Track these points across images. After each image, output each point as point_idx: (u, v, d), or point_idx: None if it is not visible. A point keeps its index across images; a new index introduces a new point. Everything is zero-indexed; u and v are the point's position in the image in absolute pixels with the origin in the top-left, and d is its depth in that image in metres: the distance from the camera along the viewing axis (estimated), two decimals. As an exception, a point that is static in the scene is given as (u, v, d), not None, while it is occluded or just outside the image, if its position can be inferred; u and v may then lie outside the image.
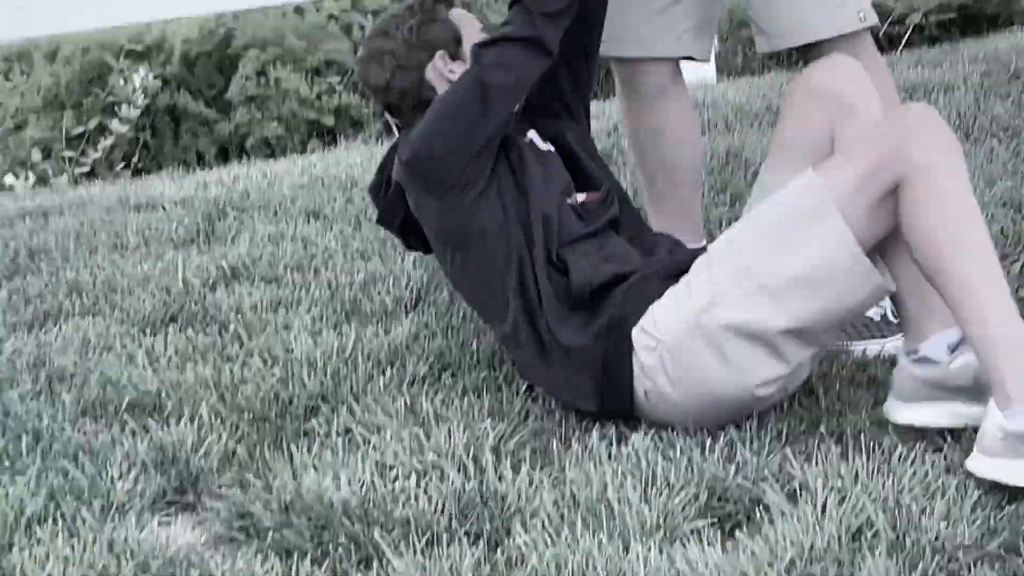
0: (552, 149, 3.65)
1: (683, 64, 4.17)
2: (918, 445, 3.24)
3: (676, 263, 3.45)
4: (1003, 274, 3.07)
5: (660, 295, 3.36)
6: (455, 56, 3.62)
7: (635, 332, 3.35)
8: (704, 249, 3.60)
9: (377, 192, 3.78)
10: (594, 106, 4.32)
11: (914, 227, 3.11)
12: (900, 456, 3.17)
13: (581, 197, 3.59)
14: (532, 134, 3.62)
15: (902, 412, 3.10)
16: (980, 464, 2.90)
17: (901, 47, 7.09)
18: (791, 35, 3.87)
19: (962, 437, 3.19)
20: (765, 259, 3.28)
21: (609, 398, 3.43)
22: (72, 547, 2.97)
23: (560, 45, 3.54)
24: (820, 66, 3.71)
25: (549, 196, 3.47)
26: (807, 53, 3.87)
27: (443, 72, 3.59)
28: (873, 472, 3.11)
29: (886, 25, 3.68)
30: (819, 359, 3.48)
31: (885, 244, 3.22)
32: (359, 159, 5.49)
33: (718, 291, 3.31)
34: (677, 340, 3.32)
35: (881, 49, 4.27)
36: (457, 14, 3.67)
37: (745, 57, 6.94)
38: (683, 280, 3.39)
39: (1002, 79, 5.28)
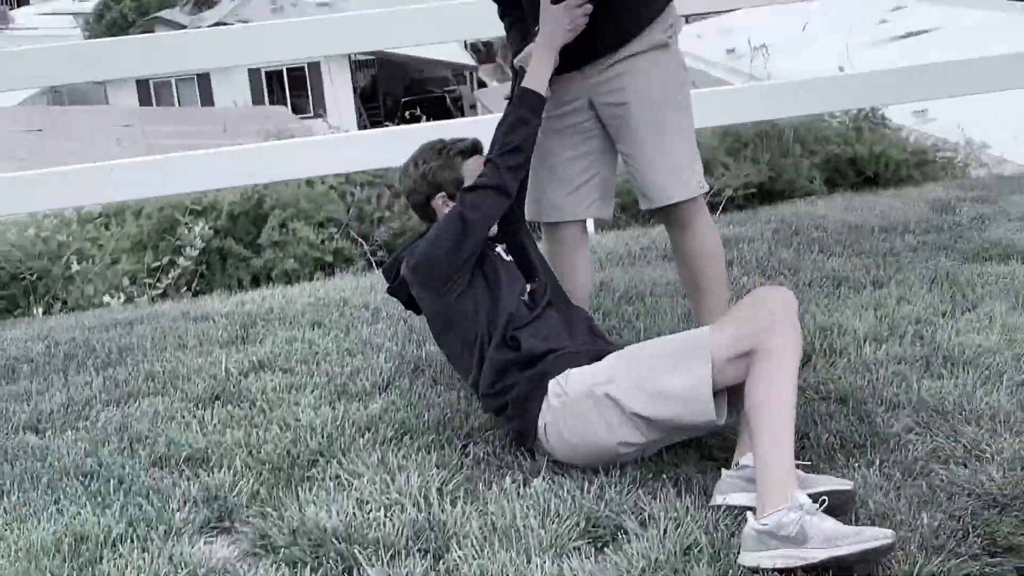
0: (512, 259, 3.84)
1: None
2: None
3: (592, 350, 3.63)
4: (789, 428, 3.15)
5: (577, 365, 3.53)
6: (452, 196, 3.81)
7: (551, 383, 3.52)
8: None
9: (388, 273, 3.99)
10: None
11: (751, 386, 3.25)
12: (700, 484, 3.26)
13: (529, 287, 3.80)
14: (500, 248, 3.85)
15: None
16: (744, 558, 2.96)
17: (719, 211, 7.14)
18: (659, 198, 3.91)
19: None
20: (652, 370, 3.44)
21: (520, 421, 3.58)
22: (144, 560, 3.14)
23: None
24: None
25: (511, 298, 3.68)
26: (668, 211, 3.96)
27: (441, 206, 3.83)
28: (699, 506, 3.24)
29: (707, 196, 3.72)
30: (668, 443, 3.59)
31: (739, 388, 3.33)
32: (349, 285, 5.52)
33: (615, 376, 3.46)
34: (578, 396, 3.47)
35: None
36: (471, 165, 3.83)
37: (614, 216, 6.99)
38: (595, 364, 3.55)
39: (787, 234, 5.34)
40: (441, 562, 3.05)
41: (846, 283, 4.86)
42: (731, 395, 3.39)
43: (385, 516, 3.26)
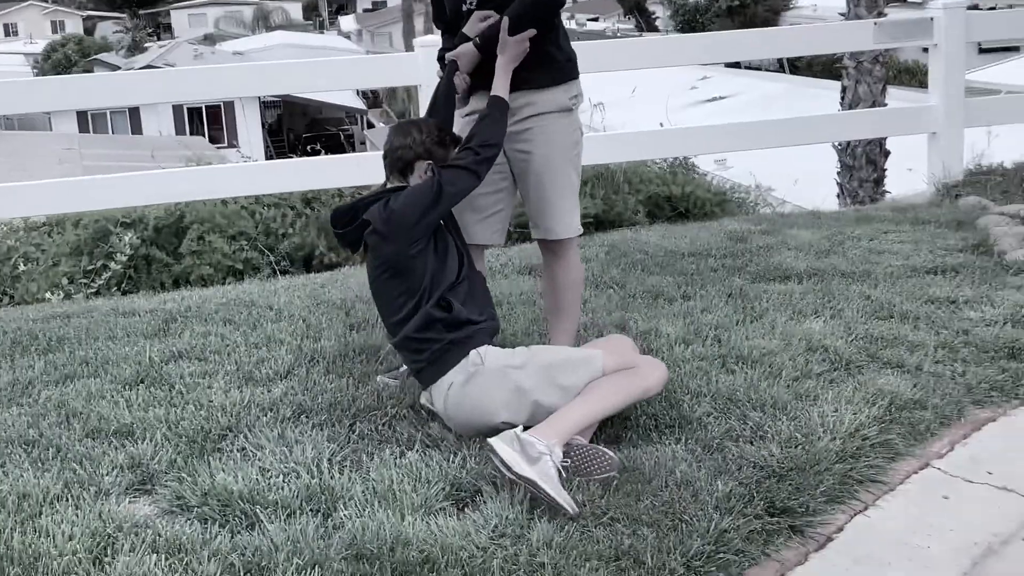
0: (449, 233, 3.76)
1: None
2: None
3: (491, 326, 3.68)
4: (605, 410, 3.40)
5: (487, 342, 3.58)
6: (430, 168, 3.69)
7: (473, 353, 3.52)
8: None
9: (341, 218, 3.80)
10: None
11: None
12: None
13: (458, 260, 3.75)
14: (442, 223, 3.75)
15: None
16: (493, 440, 3.14)
17: None
18: (547, 234, 3.98)
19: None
20: (556, 369, 3.48)
21: (430, 367, 3.56)
22: (77, 515, 3.09)
23: None
24: None
25: (450, 270, 3.62)
26: (550, 243, 4.02)
27: (422, 173, 3.69)
28: None
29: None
30: None
31: None
32: (256, 289, 5.43)
33: (526, 365, 3.50)
34: (491, 371, 3.49)
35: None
36: (454, 153, 3.74)
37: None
38: (518, 348, 3.67)
39: (616, 256, 5.39)
40: (329, 520, 3.04)
41: (662, 296, 4.92)
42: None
43: (283, 481, 3.24)
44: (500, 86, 3.76)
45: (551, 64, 3.90)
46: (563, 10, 3.97)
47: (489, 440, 3.16)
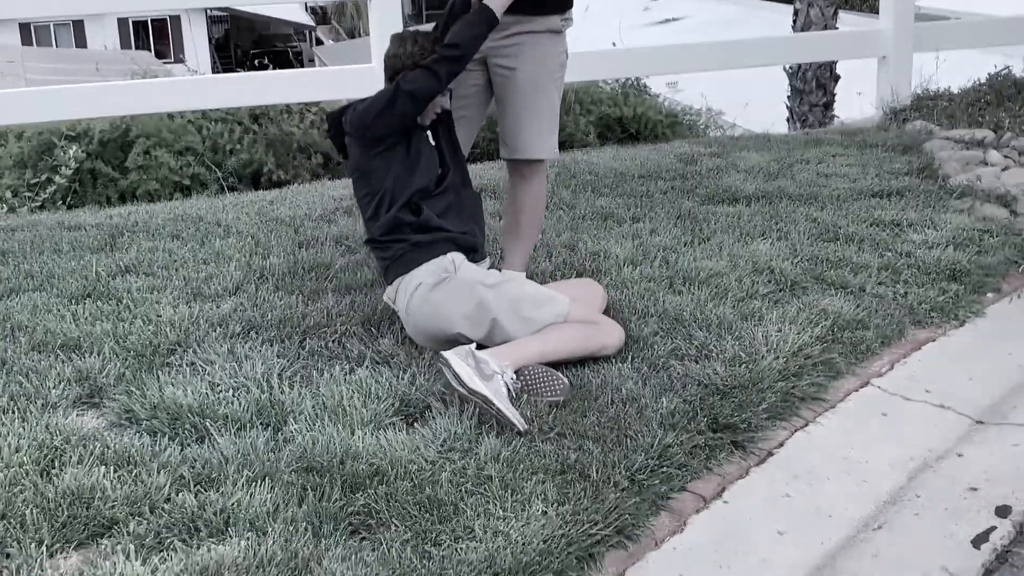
0: (435, 144, 3.71)
1: None
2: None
3: (464, 240, 3.64)
4: (560, 350, 3.41)
5: (454, 251, 3.58)
6: None
7: (447, 260, 3.54)
8: None
9: (330, 121, 3.84)
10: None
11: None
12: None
13: (439, 172, 3.69)
14: (427, 133, 3.69)
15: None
16: (447, 352, 3.18)
17: None
18: (521, 153, 3.91)
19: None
20: (524, 301, 3.50)
21: (394, 264, 3.58)
22: (24, 427, 3.10)
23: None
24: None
25: (423, 173, 3.60)
26: (520, 164, 3.97)
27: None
28: None
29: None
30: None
31: None
32: (204, 205, 5.34)
33: (500, 286, 3.52)
34: (462, 282, 3.50)
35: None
36: None
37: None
38: (493, 270, 3.72)
39: (567, 177, 5.33)
40: (280, 433, 3.06)
41: (612, 217, 4.92)
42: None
43: (233, 396, 3.25)
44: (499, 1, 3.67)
45: None
46: None
47: (443, 353, 3.18)
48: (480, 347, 3.33)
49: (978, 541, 2.81)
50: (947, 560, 2.74)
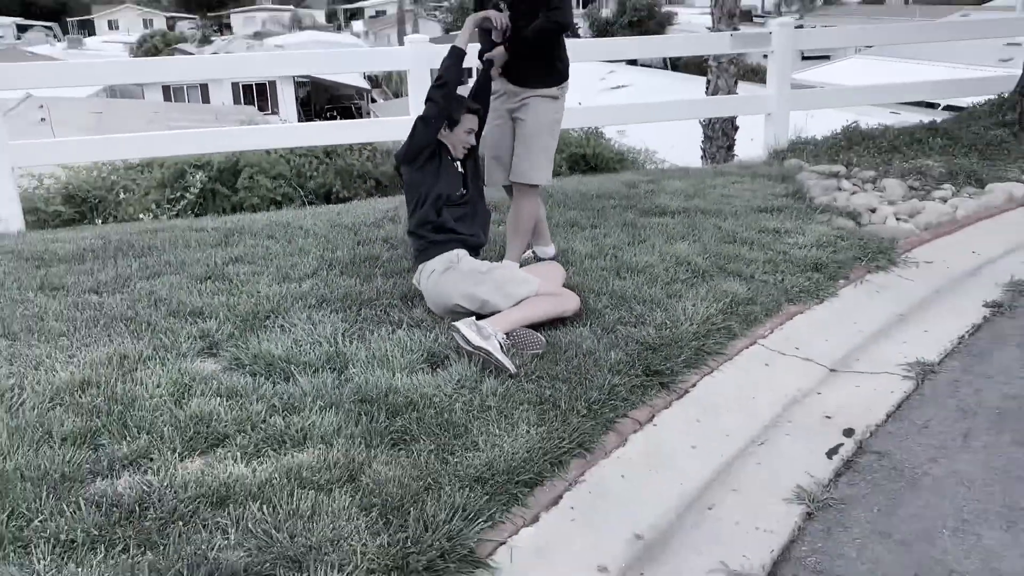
0: (462, 172, 3.68)
1: None
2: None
3: (472, 242, 3.62)
4: (533, 316, 3.35)
5: (467, 252, 3.57)
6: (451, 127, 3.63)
7: (452, 254, 3.52)
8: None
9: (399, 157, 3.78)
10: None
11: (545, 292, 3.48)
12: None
13: (462, 191, 3.66)
14: (457, 162, 3.66)
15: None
16: (456, 323, 3.17)
17: None
18: (518, 177, 3.89)
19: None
20: (508, 282, 3.47)
21: (418, 255, 3.59)
22: (163, 369, 3.10)
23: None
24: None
25: (447, 186, 3.58)
26: (516, 185, 3.93)
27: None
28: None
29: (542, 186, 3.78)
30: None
31: None
32: (291, 215, 5.29)
33: (490, 271, 3.51)
34: (462, 270, 3.49)
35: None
36: (466, 117, 3.65)
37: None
38: (486, 261, 3.65)
39: (546, 197, 5.23)
40: (342, 375, 3.04)
41: (576, 225, 4.88)
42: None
43: (310, 349, 3.23)
44: (459, 36, 3.69)
45: (551, 71, 3.86)
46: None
47: (453, 323, 3.18)
48: (479, 318, 3.30)
49: (831, 453, 2.82)
50: (809, 467, 2.74)
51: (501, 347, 3.11)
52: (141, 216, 6.62)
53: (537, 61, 3.84)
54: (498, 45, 3.81)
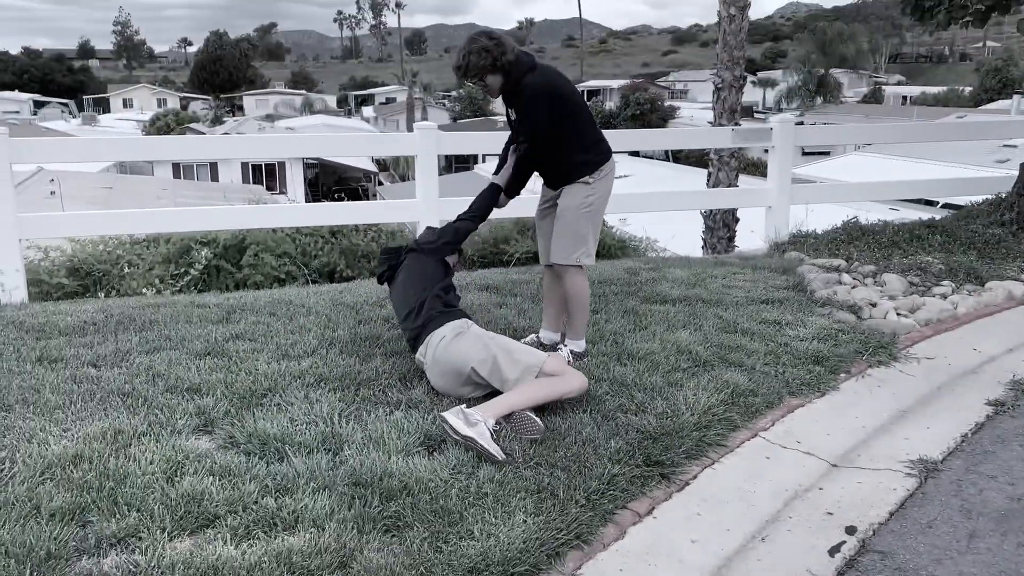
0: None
1: None
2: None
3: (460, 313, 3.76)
4: (533, 400, 3.32)
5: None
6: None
7: (460, 322, 3.62)
8: None
9: (389, 253, 4.10)
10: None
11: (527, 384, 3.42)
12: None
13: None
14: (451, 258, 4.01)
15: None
16: (446, 414, 3.15)
17: (511, 265, 7.15)
18: (551, 258, 4.09)
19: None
20: (517, 348, 3.53)
21: (425, 328, 3.63)
22: (157, 445, 3.07)
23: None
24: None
25: (450, 279, 3.85)
26: (555, 267, 4.10)
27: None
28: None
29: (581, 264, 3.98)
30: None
31: None
32: (294, 293, 5.32)
33: (496, 337, 3.57)
34: (473, 334, 3.56)
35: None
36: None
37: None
38: (489, 332, 3.69)
39: None
40: (337, 456, 3.01)
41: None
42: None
43: (305, 428, 3.21)
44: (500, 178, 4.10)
45: (577, 169, 4.01)
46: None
47: (441, 413, 3.17)
48: (470, 404, 3.29)
49: (833, 551, 2.76)
50: (811, 564, 2.68)
51: (491, 433, 3.07)
52: (144, 291, 6.64)
53: (559, 168, 4.05)
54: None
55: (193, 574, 2.31)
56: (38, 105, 68.86)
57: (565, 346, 4.10)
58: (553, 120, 3.87)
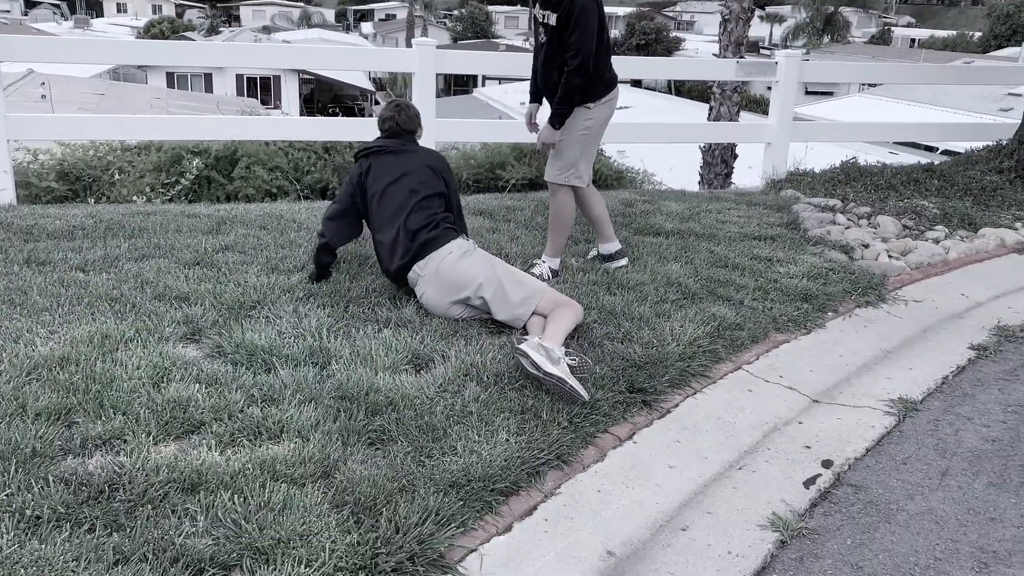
0: None
1: None
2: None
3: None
4: (568, 326, 3.31)
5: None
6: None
7: (469, 241, 3.64)
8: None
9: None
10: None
11: (556, 312, 3.39)
12: (480, 344, 3.23)
13: None
14: None
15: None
16: (522, 345, 3.03)
17: (507, 191, 7.10)
18: (547, 177, 4.17)
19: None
20: (520, 272, 3.57)
21: (435, 245, 3.57)
22: (144, 352, 3.07)
23: None
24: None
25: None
26: (549, 184, 4.18)
27: None
28: (474, 352, 3.24)
29: (571, 183, 3.85)
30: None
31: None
32: (285, 208, 5.27)
33: (501, 262, 3.58)
34: (480, 254, 3.57)
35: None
36: None
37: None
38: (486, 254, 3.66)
39: (542, 209, 5.29)
40: (324, 371, 3.03)
41: (572, 240, 4.84)
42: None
43: (293, 342, 3.21)
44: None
45: (586, 95, 3.99)
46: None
47: (520, 346, 3.02)
48: (468, 316, 3.30)
49: (808, 483, 2.81)
50: (786, 494, 2.73)
51: (571, 369, 3.00)
52: (135, 198, 6.56)
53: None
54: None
55: (177, 477, 2.33)
56: (29, 5, 67.09)
57: (544, 262, 4.19)
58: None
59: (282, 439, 2.57)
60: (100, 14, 69.38)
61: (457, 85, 36.83)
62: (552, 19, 3.88)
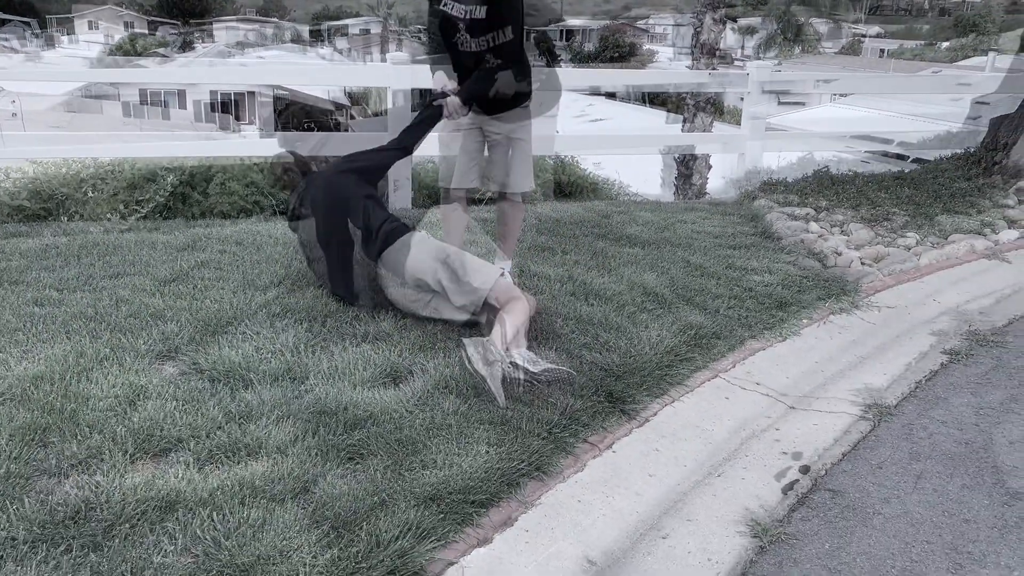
0: None
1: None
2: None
3: None
4: (519, 322, 3.28)
5: None
6: None
7: (416, 232, 3.63)
8: None
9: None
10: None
11: (508, 306, 3.35)
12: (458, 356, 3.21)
13: None
14: None
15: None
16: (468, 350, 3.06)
17: (483, 203, 7.13)
18: (521, 187, 4.05)
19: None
20: (472, 258, 3.53)
21: (392, 237, 3.60)
22: (119, 370, 3.04)
23: None
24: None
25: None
26: (504, 197, 4.10)
27: None
28: (451, 365, 3.23)
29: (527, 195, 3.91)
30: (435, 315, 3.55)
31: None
32: (261, 224, 5.31)
33: (451, 249, 3.57)
34: (432, 246, 3.57)
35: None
36: None
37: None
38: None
39: None
40: (302, 386, 3.01)
41: (549, 251, 4.89)
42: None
43: (271, 357, 3.20)
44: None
45: (520, 95, 3.88)
46: None
47: (463, 339, 3.08)
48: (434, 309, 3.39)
49: (786, 488, 2.83)
50: (765, 500, 2.75)
51: (503, 375, 3.02)
52: (108, 216, 6.51)
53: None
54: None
55: (154, 496, 2.31)
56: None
57: (504, 268, 4.15)
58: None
59: (260, 455, 2.56)
60: (72, 32, 68.74)
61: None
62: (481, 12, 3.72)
